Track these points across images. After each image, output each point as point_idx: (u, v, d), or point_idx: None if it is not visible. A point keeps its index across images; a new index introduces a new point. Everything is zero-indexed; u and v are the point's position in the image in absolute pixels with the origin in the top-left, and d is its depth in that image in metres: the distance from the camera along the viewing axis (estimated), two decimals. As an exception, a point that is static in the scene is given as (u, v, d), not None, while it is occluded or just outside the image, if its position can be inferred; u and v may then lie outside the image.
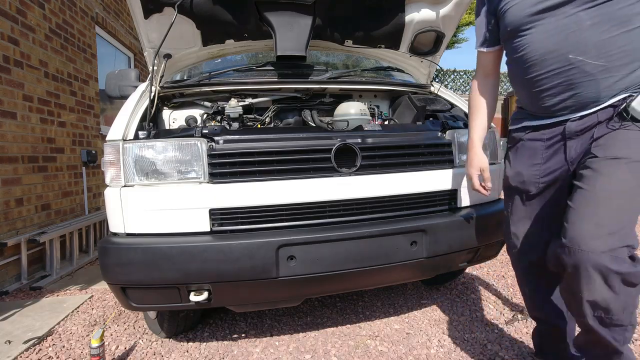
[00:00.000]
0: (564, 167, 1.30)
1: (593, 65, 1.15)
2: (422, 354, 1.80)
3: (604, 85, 1.16)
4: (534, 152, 1.36)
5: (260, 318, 2.22)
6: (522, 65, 1.30)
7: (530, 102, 1.35)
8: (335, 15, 2.13)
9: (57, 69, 3.53)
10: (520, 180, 1.41)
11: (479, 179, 1.52)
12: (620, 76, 1.15)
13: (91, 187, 4.14)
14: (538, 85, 1.27)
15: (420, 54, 2.43)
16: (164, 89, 1.99)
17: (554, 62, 1.21)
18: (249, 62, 2.47)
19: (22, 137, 3.01)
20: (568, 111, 1.24)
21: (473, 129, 1.52)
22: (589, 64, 1.15)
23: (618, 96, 1.16)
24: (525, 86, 1.33)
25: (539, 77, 1.25)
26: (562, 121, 1.26)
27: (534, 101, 1.33)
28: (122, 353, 1.87)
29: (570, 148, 1.26)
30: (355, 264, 1.54)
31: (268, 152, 1.55)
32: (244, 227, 1.53)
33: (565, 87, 1.21)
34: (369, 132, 1.71)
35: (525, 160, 1.39)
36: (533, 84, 1.28)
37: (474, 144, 1.51)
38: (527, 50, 1.27)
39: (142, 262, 1.41)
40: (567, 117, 1.24)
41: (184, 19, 1.99)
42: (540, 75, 1.25)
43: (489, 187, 1.51)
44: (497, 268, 3.03)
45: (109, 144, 1.52)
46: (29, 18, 3.11)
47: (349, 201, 1.61)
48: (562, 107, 1.24)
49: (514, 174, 1.44)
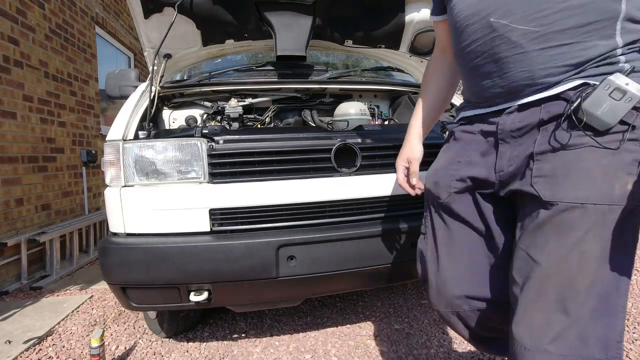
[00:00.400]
0: (488, 178, 0.95)
1: (520, 31, 0.82)
2: (422, 354, 1.80)
3: (538, 61, 0.81)
4: (460, 149, 1.04)
5: (260, 318, 2.22)
6: (453, 35, 1.01)
7: (465, 86, 1.05)
8: (335, 15, 2.13)
9: (57, 69, 3.53)
10: (433, 181, 1.10)
11: (403, 173, 1.23)
12: (564, 49, 0.79)
13: (91, 187, 4.14)
14: (466, 62, 0.97)
15: (420, 54, 2.43)
16: (164, 89, 1.99)
17: (476, 30, 0.90)
18: (249, 62, 2.48)
19: (22, 137, 3.01)
20: (502, 99, 0.91)
21: (414, 113, 1.22)
22: (515, 29, 0.82)
23: (568, 82, 0.80)
24: (459, 64, 1.03)
25: (466, 51, 0.95)
26: (498, 112, 0.93)
27: (466, 84, 1.03)
28: (122, 353, 1.87)
29: (503, 155, 0.91)
30: (355, 264, 1.54)
31: (268, 152, 1.55)
32: (244, 227, 1.53)
33: (493, 64, 0.89)
34: (369, 132, 1.71)
35: (448, 158, 1.08)
36: (462, 60, 0.99)
37: (410, 131, 1.22)
38: (453, 15, 0.98)
39: (142, 262, 1.41)
40: (502, 106, 0.92)
41: (184, 19, 1.99)
42: (466, 48, 0.95)
43: (414, 184, 1.22)
44: (497, 268, 3.03)
45: (109, 144, 1.52)
46: (29, 18, 3.11)
47: (349, 201, 1.61)
48: (494, 94, 0.92)
49: (430, 173, 1.13)
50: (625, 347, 1.77)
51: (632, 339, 1.84)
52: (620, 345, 0.81)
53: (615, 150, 0.76)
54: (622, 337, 0.82)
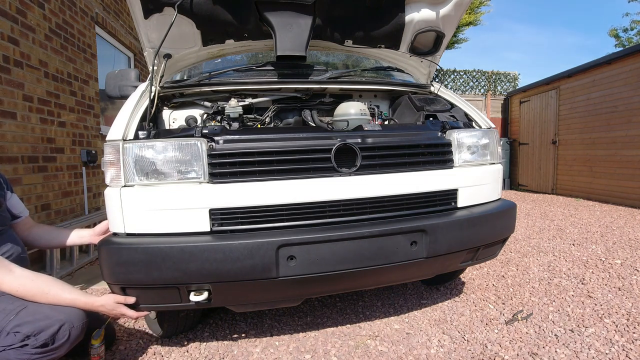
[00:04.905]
0: None
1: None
2: (422, 354, 1.80)
3: None
4: None
5: (260, 318, 2.22)
6: None
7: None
8: (335, 15, 2.13)
9: (57, 69, 3.53)
10: None
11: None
12: None
13: (91, 187, 4.14)
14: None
15: (420, 54, 2.43)
16: (164, 89, 1.99)
17: None
18: (249, 62, 2.47)
19: (22, 137, 3.01)
20: None
21: None
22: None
23: None
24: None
25: None
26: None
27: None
28: (122, 353, 1.87)
29: None
30: (355, 264, 1.54)
31: (268, 152, 1.55)
32: (244, 227, 1.53)
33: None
34: (369, 132, 1.71)
35: None
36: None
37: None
38: None
39: (142, 262, 1.41)
40: None
41: (184, 19, 1.99)
42: None
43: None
44: (497, 268, 3.03)
45: (109, 144, 1.52)
46: (29, 18, 3.11)
47: (349, 201, 1.61)
48: None
49: None
50: (625, 347, 1.77)
51: (632, 339, 1.85)
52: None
53: None
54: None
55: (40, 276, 1.51)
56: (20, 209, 1.83)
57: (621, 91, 6.22)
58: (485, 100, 10.24)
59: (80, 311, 1.50)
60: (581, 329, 1.97)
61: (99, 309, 1.54)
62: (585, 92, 7.06)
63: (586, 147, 7.05)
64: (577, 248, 3.60)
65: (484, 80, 11.00)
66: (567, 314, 2.15)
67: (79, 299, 1.52)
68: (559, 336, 1.91)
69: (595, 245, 3.66)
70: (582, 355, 1.72)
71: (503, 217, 1.89)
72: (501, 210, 1.88)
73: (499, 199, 2.01)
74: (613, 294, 2.43)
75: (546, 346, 1.81)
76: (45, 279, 1.52)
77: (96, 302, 1.53)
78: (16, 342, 1.34)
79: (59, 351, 1.43)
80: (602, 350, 1.76)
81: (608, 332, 1.93)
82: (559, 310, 2.21)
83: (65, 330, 1.42)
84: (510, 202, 1.98)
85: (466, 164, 1.86)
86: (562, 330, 1.96)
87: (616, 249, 3.50)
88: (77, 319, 1.47)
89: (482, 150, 1.91)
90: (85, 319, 1.50)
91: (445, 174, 1.77)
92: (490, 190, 1.94)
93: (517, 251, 3.54)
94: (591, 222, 4.87)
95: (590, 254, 3.36)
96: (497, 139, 1.99)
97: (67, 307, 1.49)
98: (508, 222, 1.95)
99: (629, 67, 6.06)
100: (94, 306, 1.53)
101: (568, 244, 3.76)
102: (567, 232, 4.29)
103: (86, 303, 1.52)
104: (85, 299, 1.53)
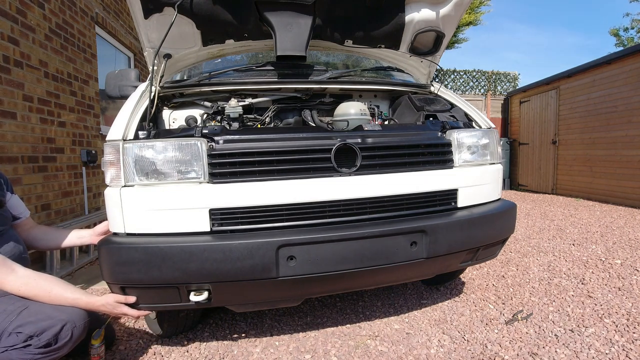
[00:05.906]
0: None
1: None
2: (422, 354, 1.80)
3: None
4: None
5: (260, 318, 2.22)
6: None
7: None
8: (335, 15, 2.13)
9: (57, 69, 3.53)
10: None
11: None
12: None
13: (91, 187, 4.14)
14: None
15: (420, 54, 2.43)
16: (164, 89, 1.99)
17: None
18: (249, 62, 2.47)
19: (22, 137, 3.01)
20: None
21: None
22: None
23: None
24: None
25: None
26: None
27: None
28: (122, 353, 1.87)
29: None
30: (355, 264, 1.54)
31: (268, 152, 1.55)
32: (244, 227, 1.53)
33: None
34: (369, 132, 1.71)
35: None
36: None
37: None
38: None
39: (142, 261, 1.41)
40: None
41: (184, 19, 1.99)
42: None
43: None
44: (497, 268, 3.03)
45: (109, 144, 1.52)
46: (29, 18, 3.11)
47: (349, 201, 1.61)
48: None
49: None
50: (625, 347, 1.77)
51: (632, 339, 1.85)
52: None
53: None
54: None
55: (42, 275, 1.51)
56: (20, 209, 1.83)
57: (621, 91, 6.22)
58: (485, 100, 10.25)
59: (82, 311, 1.51)
60: (581, 329, 1.97)
61: (100, 309, 1.54)
62: (585, 92, 7.06)
63: (586, 147, 7.05)
64: (577, 248, 3.60)
65: (484, 80, 11.00)
66: (567, 314, 2.15)
67: (81, 299, 1.52)
68: (559, 336, 1.91)
69: (595, 245, 3.67)
70: (582, 355, 1.72)
71: (503, 217, 1.90)
72: (501, 211, 1.88)
73: (499, 199, 2.01)
74: (613, 294, 2.43)
75: (546, 346, 1.81)
76: (47, 278, 1.52)
77: (97, 302, 1.53)
78: (19, 342, 1.34)
79: (62, 351, 1.43)
80: (602, 350, 1.76)
81: (608, 332, 1.93)
82: (559, 310, 2.21)
83: (68, 330, 1.42)
84: (510, 202, 1.98)
85: (466, 164, 1.86)
86: (562, 330, 1.96)
87: (616, 249, 3.50)
88: (79, 318, 1.47)
89: (482, 150, 1.92)
90: (87, 318, 1.51)
91: (445, 174, 1.77)
92: (490, 191, 1.94)
93: (517, 251, 3.54)
94: (591, 222, 4.87)
95: (590, 254, 3.36)
96: (497, 139, 1.99)
97: (69, 306, 1.49)
98: (508, 223, 1.95)
99: (629, 67, 6.07)
100: (95, 306, 1.53)
101: (568, 244, 3.76)
102: (567, 232, 4.29)
103: (88, 303, 1.53)
104: (86, 299, 1.53)
